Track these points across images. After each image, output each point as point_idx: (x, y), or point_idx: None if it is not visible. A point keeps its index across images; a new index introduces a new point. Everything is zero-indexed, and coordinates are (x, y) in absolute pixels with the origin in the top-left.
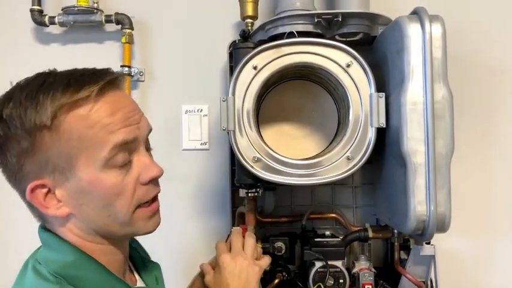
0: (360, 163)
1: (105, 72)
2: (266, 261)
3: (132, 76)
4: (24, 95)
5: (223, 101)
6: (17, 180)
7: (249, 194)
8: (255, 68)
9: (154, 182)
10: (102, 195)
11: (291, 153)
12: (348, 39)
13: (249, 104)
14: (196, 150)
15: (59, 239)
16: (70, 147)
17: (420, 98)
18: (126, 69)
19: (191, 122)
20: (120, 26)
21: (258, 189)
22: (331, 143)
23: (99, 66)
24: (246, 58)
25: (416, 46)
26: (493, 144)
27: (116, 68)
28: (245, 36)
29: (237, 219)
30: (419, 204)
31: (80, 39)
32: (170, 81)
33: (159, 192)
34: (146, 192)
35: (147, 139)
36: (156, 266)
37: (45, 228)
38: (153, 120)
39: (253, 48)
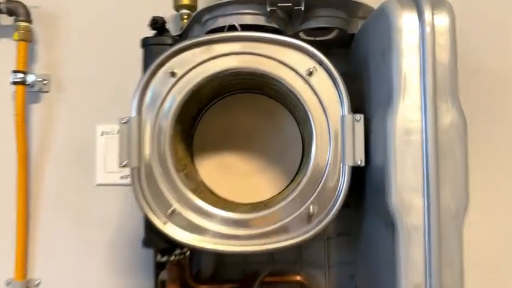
0: (326, 220)
1: None
2: None
3: (30, 85)
4: None
5: (124, 122)
6: None
7: (171, 258)
8: (172, 74)
9: None
10: None
11: (236, 196)
12: (317, 38)
13: (166, 127)
14: (114, 186)
15: None
16: None
17: (416, 123)
18: (20, 75)
19: (109, 148)
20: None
21: (184, 250)
22: (291, 182)
23: None
24: (158, 60)
25: (410, 44)
26: None
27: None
28: (158, 27)
29: None
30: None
31: None
32: (84, 93)
33: None
34: None
35: None
36: None
37: None
38: (59, 144)
39: (171, 45)
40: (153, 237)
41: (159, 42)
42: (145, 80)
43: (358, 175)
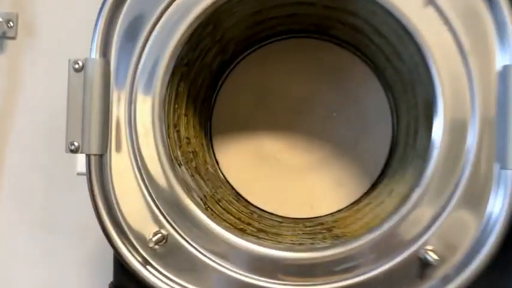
0: (463, 277)
1: None
2: None
3: None
4: None
5: (76, 69)
6: None
7: None
8: None
9: None
10: None
11: (279, 206)
12: None
13: (154, 82)
14: None
15: None
16: None
17: None
18: None
19: None
20: None
21: None
22: (372, 188)
23: None
24: None
25: None
26: None
27: None
28: None
29: None
30: None
31: None
32: (62, 39)
33: None
34: None
35: None
36: None
37: None
38: (27, 112)
39: None
40: (128, 285)
41: None
42: None
43: None
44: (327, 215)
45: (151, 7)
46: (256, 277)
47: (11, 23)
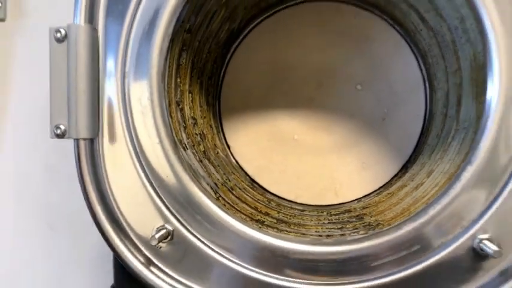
0: None
1: None
2: None
3: None
4: None
5: (58, 39)
6: None
7: None
8: None
9: None
10: None
11: (299, 193)
12: None
13: (152, 53)
14: None
15: None
16: None
17: None
18: None
19: None
20: None
21: None
22: (402, 170)
23: None
24: None
25: None
26: None
27: None
28: None
29: None
30: None
31: None
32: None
33: None
34: None
35: None
36: None
37: None
38: (20, 99)
39: None
40: (129, 287)
41: None
42: None
43: None
44: (353, 200)
45: None
46: (278, 276)
47: None
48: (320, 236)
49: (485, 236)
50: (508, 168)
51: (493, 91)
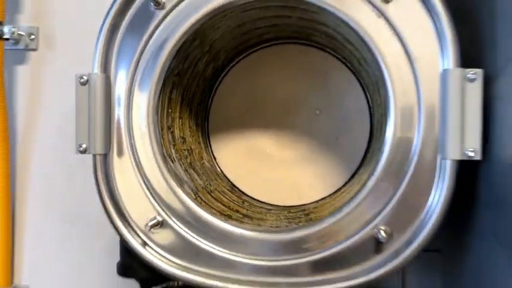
0: (406, 253)
1: None
2: None
3: (10, 40)
4: None
5: (82, 83)
6: None
7: None
8: (157, 4)
9: None
10: None
11: (269, 195)
12: None
13: (147, 91)
14: None
15: None
16: None
17: None
18: None
19: None
20: None
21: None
22: (351, 179)
23: None
24: None
25: None
26: None
27: None
28: None
29: None
30: None
31: None
32: (80, 50)
33: None
34: None
35: None
36: None
37: None
38: (49, 117)
39: None
40: (131, 263)
41: None
42: (113, 14)
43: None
44: (312, 202)
45: (142, 28)
46: (235, 254)
47: (32, 36)
48: (271, 227)
49: (382, 227)
50: (399, 180)
51: (391, 123)
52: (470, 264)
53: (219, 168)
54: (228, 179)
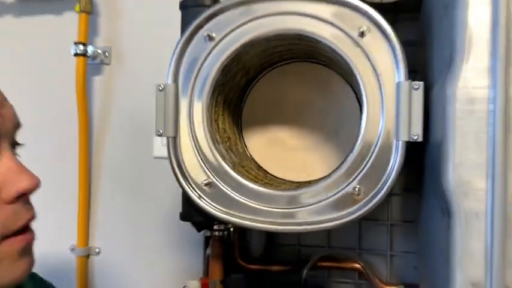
0: (373, 202)
1: None
2: None
3: (90, 57)
4: None
5: (160, 90)
6: None
7: (215, 233)
8: (210, 38)
9: (24, 200)
10: None
11: (285, 173)
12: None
13: (202, 96)
14: None
15: None
16: None
17: (482, 91)
18: (81, 47)
19: None
20: None
21: (228, 226)
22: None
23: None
24: (194, 23)
25: None
26: None
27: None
28: None
29: (207, 265)
30: (471, 286)
31: (35, 10)
32: (143, 65)
33: (33, 219)
34: (13, 215)
35: (13, 137)
36: None
37: None
38: (118, 116)
39: (210, 6)
40: (190, 211)
41: (196, 4)
42: (181, 44)
43: (419, 153)
44: (316, 179)
45: (199, 54)
46: (259, 204)
47: (106, 53)
48: (282, 189)
49: (357, 186)
50: (368, 155)
51: (362, 125)
52: (423, 210)
53: (249, 152)
54: (255, 161)
